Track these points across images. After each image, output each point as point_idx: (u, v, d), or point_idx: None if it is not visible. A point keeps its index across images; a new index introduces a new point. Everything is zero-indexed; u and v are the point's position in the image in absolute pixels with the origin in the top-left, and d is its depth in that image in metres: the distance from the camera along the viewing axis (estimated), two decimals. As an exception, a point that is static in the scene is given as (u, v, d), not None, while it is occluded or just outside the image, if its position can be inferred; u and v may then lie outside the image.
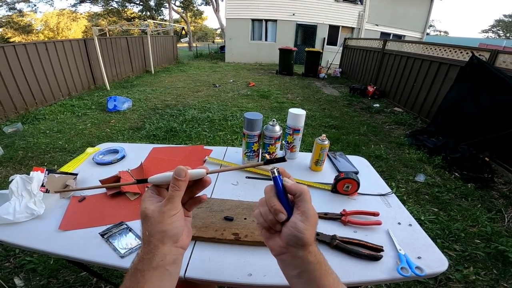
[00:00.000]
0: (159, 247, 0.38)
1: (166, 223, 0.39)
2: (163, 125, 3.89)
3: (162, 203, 0.40)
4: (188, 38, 20.05)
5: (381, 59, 6.28)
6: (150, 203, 0.40)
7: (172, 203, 0.39)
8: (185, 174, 0.40)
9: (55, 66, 5.00)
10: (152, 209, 0.39)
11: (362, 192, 0.92)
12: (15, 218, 0.74)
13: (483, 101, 3.12)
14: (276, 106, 5.22)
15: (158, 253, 0.38)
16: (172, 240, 0.40)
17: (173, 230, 0.40)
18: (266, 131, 1.02)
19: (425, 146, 3.37)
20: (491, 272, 1.67)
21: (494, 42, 19.92)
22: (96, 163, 1.10)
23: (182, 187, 0.40)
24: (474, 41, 18.60)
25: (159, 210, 0.39)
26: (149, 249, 0.38)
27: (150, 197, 0.42)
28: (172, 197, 0.39)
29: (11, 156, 2.95)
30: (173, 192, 0.39)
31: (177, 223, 0.40)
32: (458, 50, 3.98)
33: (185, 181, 0.40)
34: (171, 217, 0.39)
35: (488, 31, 36.99)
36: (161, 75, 8.36)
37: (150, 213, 0.39)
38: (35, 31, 21.25)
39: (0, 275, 1.53)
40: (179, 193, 0.40)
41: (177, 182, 0.39)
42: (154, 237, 0.38)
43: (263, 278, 0.61)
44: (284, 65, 8.93)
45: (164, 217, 0.39)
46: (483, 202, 2.38)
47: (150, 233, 0.39)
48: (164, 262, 0.38)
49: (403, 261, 0.66)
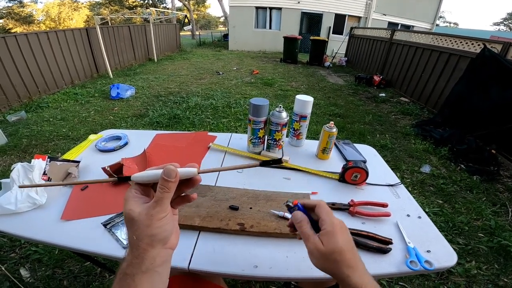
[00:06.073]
0: (148, 250, 0.36)
1: (155, 227, 0.36)
2: (166, 112, 3.86)
3: (149, 205, 0.37)
4: (191, 26, 19.78)
5: (388, 49, 6.16)
6: (135, 205, 0.37)
7: (161, 205, 0.36)
8: (176, 175, 0.37)
9: (57, 55, 4.97)
10: (139, 212, 0.36)
11: (370, 182, 0.90)
12: (17, 208, 0.72)
13: (493, 94, 3.08)
14: (280, 94, 5.15)
15: (147, 257, 0.36)
16: (162, 243, 0.37)
17: (162, 234, 0.37)
18: (273, 117, 0.99)
19: (432, 136, 3.31)
20: (492, 267, 1.66)
21: (506, 35, 19.33)
22: (99, 150, 1.08)
23: (172, 188, 0.37)
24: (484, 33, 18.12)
25: (147, 213, 0.36)
26: (137, 253, 0.36)
27: (135, 197, 0.38)
28: (161, 199, 0.36)
29: (15, 144, 2.95)
30: (162, 194, 0.36)
31: (167, 226, 0.37)
32: (470, 41, 3.93)
33: (175, 182, 0.37)
34: (160, 220, 0.36)
35: (499, 24, 36.04)
36: (164, 63, 8.27)
37: (136, 216, 0.36)
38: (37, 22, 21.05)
39: (6, 266, 1.53)
40: (168, 195, 0.37)
41: (167, 183, 0.36)
42: (142, 241, 0.36)
43: (269, 271, 0.60)
44: (289, 53, 8.82)
45: (153, 221, 0.36)
46: (488, 195, 2.34)
47: (138, 238, 0.36)
48: (154, 265, 0.36)
49: (412, 254, 0.64)
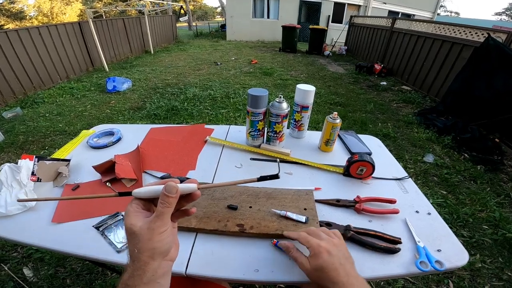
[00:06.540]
0: (149, 263, 0.37)
1: (155, 240, 0.37)
2: (164, 104, 3.80)
3: (150, 220, 0.38)
4: (188, 17, 19.37)
5: (389, 37, 6.05)
6: (136, 219, 0.38)
7: (162, 220, 0.37)
8: (176, 191, 0.38)
9: (51, 50, 4.88)
10: (140, 226, 0.37)
11: (376, 176, 0.85)
12: (7, 211, 0.70)
13: (496, 82, 3.05)
14: (280, 83, 5.07)
15: (148, 269, 0.37)
16: (162, 255, 0.39)
17: (163, 247, 0.38)
18: (272, 108, 0.93)
19: (434, 125, 3.27)
20: (496, 260, 1.63)
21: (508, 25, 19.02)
22: (91, 146, 1.03)
23: (173, 204, 0.38)
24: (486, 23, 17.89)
25: (148, 227, 0.37)
26: (139, 265, 0.37)
27: (136, 211, 0.39)
28: (162, 214, 0.37)
29: (12, 141, 2.90)
30: (163, 209, 0.37)
31: (167, 239, 0.39)
32: (473, 30, 3.86)
33: (175, 198, 0.38)
34: (161, 234, 0.38)
35: (501, 13, 35.44)
36: (160, 54, 8.13)
37: (137, 230, 0.37)
38: (29, 17, 20.59)
39: (9, 266, 1.52)
40: (169, 210, 0.38)
41: (168, 199, 0.37)
42: (143, 254, 0.37)
43: (271, 274, 0.56)
44: (288, 42, 8.68)
45: (154, 234, 0.37)
46: (492, 186, 2.30)
47: (139, 251, 0.37)
48: (155, 277, 0.37)
49: (422, 254, 0.60)
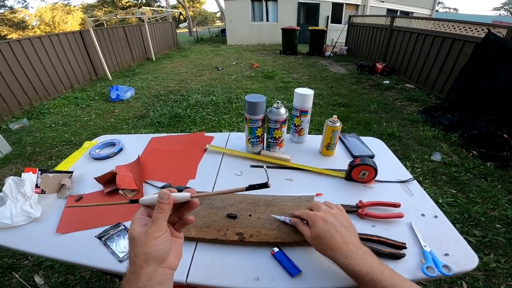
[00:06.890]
0: (143, 267, 0.38)
1: (150, 245, 0.39)
2: (167, 112, 3.82)
3: (147, 225, 0.41)
4: (188, 23, 19.56)
5: (389, 36, 6.03)
6: (137, 225, 0.41)
7: (156, 225, 0.40)
8: (168, 197, 0.41)
9: (54, 59, 4.94)
10: (138, 231, 0.40)
11: (380, 179, 0.83)
12: (13, 222, 0.72)
13: (500, 77, 3.02)
14: (282, 86, 5.07)
15: (143, 273, 0.38)
16: (157, 261, 0.40)
17: (157, 252, 0.39)
18: (270, 115, 0.92)
19: (440, 123, 3.22)
20: (511, 260, 1.59)
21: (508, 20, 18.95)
22: (93, 158, 1.04)
23: (166, 210, 0.41)
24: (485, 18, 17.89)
25: (145, 232, 0.40)
26: (134, 269, 0.38)
27: (139, 218, 0.42)
28: (156, 219, 0.40)
29: (19, 152, 2.95)
30: (157, 214, 0.40)
31: (162, 245, 0.40)
32: (473, 26, 3.84)
33: (168, 204, 0.41)
34: (156, 239, 0.39)
35: (500, 8, 35.11)
36: (162, 61, 8.22)
37: (136, 235, 0.40)
38: (31, 27, 21.04)
39: (20, 273, 1.55)
40: (163, 215, 0.41)
41: (161, 205, 0.40)
42: (138, 258, 0.38)
43: (272, 283, 0.55)
44: (288, 45, 8.69)
45: (149, 239, 0.39)
46: (503, 183, 2.24)
47: (135, 255, 0.39)
48: (151, 282, 0.38)
49: (429, 259, 0.58)
